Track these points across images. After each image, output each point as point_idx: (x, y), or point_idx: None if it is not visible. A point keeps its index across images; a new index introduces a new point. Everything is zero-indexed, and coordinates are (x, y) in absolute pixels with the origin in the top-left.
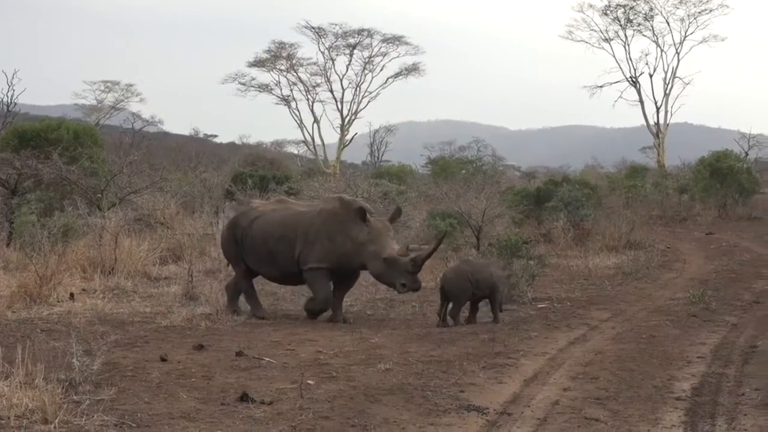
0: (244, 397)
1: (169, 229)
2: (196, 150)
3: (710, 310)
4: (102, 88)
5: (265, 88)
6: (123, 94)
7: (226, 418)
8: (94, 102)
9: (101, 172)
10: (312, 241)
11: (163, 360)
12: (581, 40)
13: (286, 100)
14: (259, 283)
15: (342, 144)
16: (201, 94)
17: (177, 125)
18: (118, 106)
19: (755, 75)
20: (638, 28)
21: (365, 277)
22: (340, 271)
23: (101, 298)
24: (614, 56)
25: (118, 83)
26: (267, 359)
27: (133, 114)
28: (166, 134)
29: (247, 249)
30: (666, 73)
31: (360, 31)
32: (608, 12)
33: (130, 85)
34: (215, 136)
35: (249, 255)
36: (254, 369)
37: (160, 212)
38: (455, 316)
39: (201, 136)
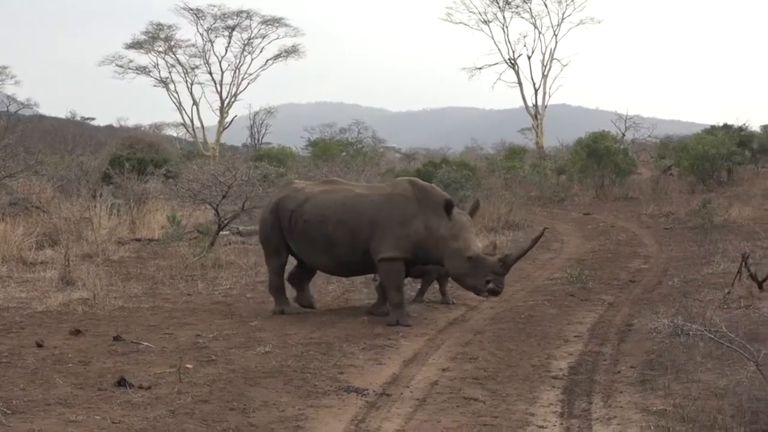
0: (121, 382)
1: (45, 213)
2: (73, 133)
3: (587, 289)
4: None
5: (143, 70)
6: None
7: (103, 404)
8: None
9: None
10: (382, 228)
11: (39, 346)
12: (460, 23)
13: (164, 83)
14: (149, 268)
15: (221, 126)
16: (78, 76)
17: (53, 108)
18: None
19: (631, 57)
20: (516, 11)
21: (244, 260)
22: (416, 262)
23: None
24: (493, 38)
25: None
26: (145, 344)
27: (8, 97)
28: (42, 117)
29: (297, 235)
30: (544, 55)
31: (239, 13)
32: None
33: (5, 68)
34: (93, 119)
35: (299, 242)
36: (132, 353)
37: (35, 196)
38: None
39: (78, 119)
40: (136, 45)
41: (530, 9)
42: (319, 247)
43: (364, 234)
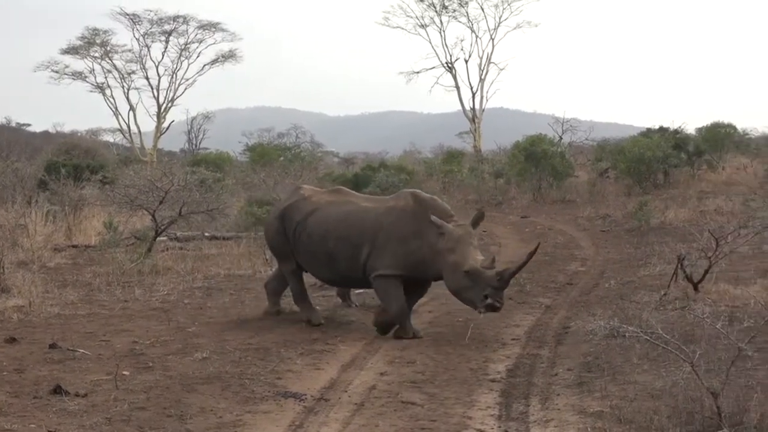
0: (57, 390)
1: None
2: (8, 139)
3: (525, 292)
4: None
5: (79, 75)
6: None
7: (38, 412)
8: None
9: None
10: (381, 244)
11: None
12: (398, 27)
13: (100, 88)
14: (85, 274)
15: (159, 132)
16: (13, 81)
17: None
18: None
19: (568, 60)
20: (453, 15)
21: (181, 265)
22: (413, 278)
23: None
24: (430, 42)
25: None
26: (81, 351)
27: None
28: None
29: (301, 247)
30: (481, 58)
31: (175, 18)
32: None
33: None
34: (28, 125)
35: (302, 254)
36: (68, 361)
37: None
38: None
39: (13, 125)
40: (71, 50)
41: (467, 13)
42: (322, 261)
43: (366, 250)
